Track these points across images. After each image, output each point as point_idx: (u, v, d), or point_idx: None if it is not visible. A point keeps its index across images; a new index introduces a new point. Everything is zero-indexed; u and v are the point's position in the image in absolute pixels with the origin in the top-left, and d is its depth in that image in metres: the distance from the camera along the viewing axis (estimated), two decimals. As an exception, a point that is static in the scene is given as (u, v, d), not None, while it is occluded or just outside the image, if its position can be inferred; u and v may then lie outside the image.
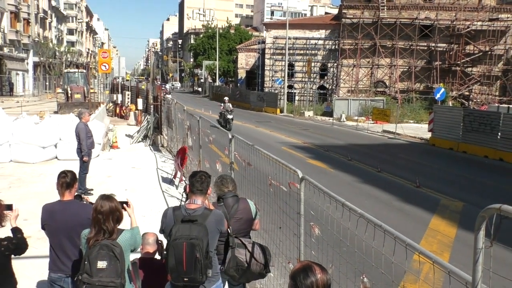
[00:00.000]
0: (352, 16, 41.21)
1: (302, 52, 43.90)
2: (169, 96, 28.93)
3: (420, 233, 8.22)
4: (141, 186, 10.75)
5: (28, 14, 50.34)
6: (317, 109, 37.68)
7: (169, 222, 3.43)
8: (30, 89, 48.94)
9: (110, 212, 3.44)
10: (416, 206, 10.06)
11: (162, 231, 3.53)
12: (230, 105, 23.87)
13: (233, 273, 3.97)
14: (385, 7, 40.48)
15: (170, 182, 11.19)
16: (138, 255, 4.28)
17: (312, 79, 43.21)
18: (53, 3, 65.76)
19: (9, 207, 3.70)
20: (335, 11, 60.84)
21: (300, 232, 3.98)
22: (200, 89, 77.28)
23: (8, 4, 44.50)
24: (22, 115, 14.68)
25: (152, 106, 18.57)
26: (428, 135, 21.87)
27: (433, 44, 40.17)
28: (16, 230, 3.71)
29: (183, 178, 10.89)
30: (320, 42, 43.61)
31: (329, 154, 17.10)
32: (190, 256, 3.26)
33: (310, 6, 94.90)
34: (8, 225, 3.73)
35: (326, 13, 68.93)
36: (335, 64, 43.14)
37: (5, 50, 43.46)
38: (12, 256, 3.70)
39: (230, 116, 23.01)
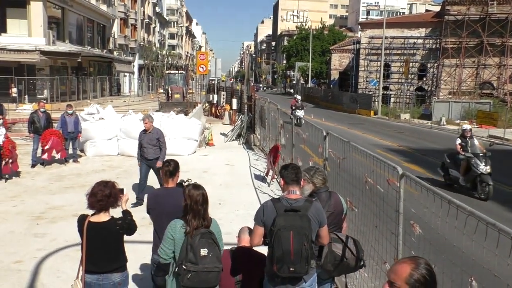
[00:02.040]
0: (456, 12, 38.61)
1: (399, 52, 42.15)
2: (300, 112, 22.55)
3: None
4: (235, 182, 11.07)
5: (135, 20, 54.44)
6: (414, 111, 35.81)
7: (270, 214, 3.43)
8: (135, 89, 52.93)
9: (206, 202, 3.59)
10: (527, 217, 9.14)
11: (262, 223, 3.51)
12: (478, 143, 11.39)
13: (330, 267, 3.91)
14: (495, 2, 37.30)
15: (262, 179, 11.37)
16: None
17: (409, 80, 41.30)
18: (157, 9, 70.34)
19: (121, 191, 4.05)
20: (436, 9, 57.50)
21: (398, 231, 3.81)
22: (292, 90, 77.63)
23: (119, 11, 48.65)
24: (128, 113, 15.90)
25: (246, 106, 19.02)
26: (542, 141, 19.77)
27: (551, 41, 36.27)
28: (127, 212, 4.04)
29: (275, 176, 11.01)
30: (420, 41, 41.48)
31: (427, 158, 16.20)
32: (298, 245, 3.27)
33: (409, 4, 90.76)
34: (118, 208, 4.07)
35: (426, 10, 65.39)
36: (436, 64, 40.76)
37: (115, 53, 47.44)
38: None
39: (486, 170, 10.57)
